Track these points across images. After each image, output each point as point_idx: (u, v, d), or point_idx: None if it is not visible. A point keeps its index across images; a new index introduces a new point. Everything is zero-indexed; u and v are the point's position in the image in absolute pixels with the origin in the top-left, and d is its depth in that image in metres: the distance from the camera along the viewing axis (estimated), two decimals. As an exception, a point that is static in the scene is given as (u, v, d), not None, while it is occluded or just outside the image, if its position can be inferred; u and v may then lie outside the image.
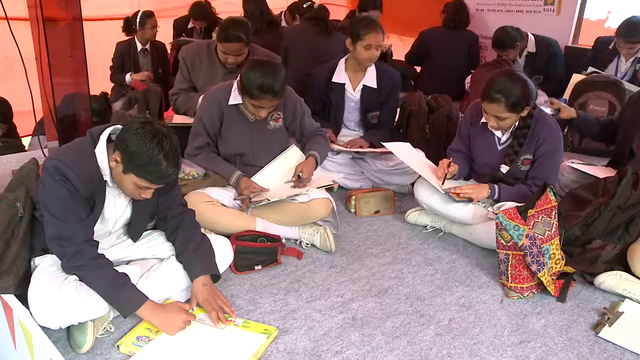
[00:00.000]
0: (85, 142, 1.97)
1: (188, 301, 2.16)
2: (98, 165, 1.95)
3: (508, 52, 4.66)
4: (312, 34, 4.33)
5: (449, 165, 2.81)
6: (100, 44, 5.24)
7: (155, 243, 2.31)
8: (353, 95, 3.50)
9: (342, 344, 2.07)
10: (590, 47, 4.67)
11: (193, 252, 2.18)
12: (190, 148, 2.81)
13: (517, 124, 2.76)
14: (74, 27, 3.00)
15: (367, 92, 3.49)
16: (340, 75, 3.45)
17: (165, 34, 5.43)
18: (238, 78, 2.65)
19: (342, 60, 3.47)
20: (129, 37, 5.03)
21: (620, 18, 4.29)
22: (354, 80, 3.46)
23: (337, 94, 3.49)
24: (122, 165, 1.88)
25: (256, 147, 2.83)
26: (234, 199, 2.80)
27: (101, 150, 1.95)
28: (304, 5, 5.00)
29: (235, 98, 2.70)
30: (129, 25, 4.96)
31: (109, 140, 1.97)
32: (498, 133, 2.83)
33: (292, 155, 2.92)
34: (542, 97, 4.31)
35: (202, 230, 2.43)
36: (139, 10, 5.02)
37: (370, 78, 3.45)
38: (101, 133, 1.97)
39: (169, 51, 5.24)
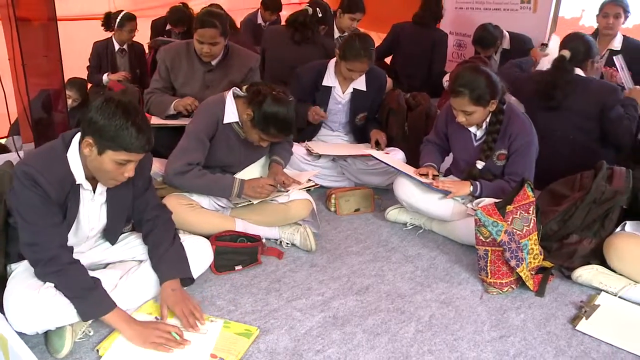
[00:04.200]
0: (56, 146, 1.94)
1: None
2: (70, 170, 1.92)
3: (489, 50, 4.72)
4: (292, 39, 4.22)
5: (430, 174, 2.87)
6: (77, 44, 5.16)
7: (133, 245, 2.28)
8: (341, 97, 3.50)
9: (323, 342, 2.07)
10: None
11: (162, 256, 2.16)
12: (180, 164, 2.56)
13: (489, 119, 2.78)
14: (48, 27, 2.95)
15: (357, 95, 3.50)
16: (329, 79, 3.44)
17: (143, 34, 5.37)
18: (247, 109, 2.53)
19: (332, 63, 3.45)
20: (108, 32, 4.96)
21: (594, 17, 4.34)
22: (343, 83, 3.46)
23: (324, 96, 3.48)
24: (96, 147, 1.85)
25: (243, 161, 2.81)
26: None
27: (73, 153, 1.92)
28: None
29: (230, 116, 2.63)
30: (108, 21, 4.90)
31: (80, 141, 1.93)
32: (473, 129, 2.85)
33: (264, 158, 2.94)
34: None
35: (182, 232, 2.42)
36: (122, 10, 4.95)
37: (360, 81, 3.45)
38: (72, 137, 1.94)
39: (146, 51, 5.19)
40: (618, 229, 2.58)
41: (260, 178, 2.72)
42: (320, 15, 4.28)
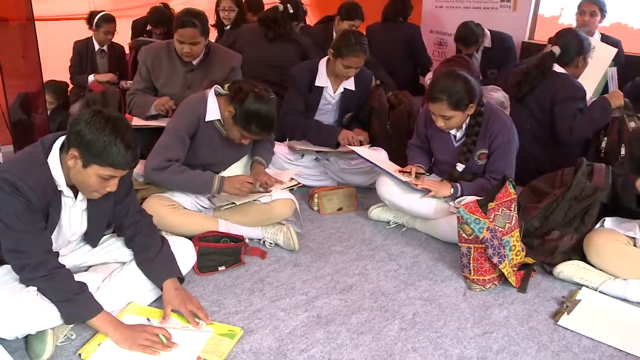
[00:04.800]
0: (36, 152, 1.91)
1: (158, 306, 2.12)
2: (51, 176, 1.90)
3: (471, 48, 4.76)
4: (265, 38, 4.18)
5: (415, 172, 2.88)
6: (57, 45, 5.10)
7: (116, 247, 2.27)
8: (332, 97, 3.50)
9: (308, 342, 2.07)
10: (546, 44, 4.77)
11: (154, 258, 2.15)
12: (159, 160, 2.55)
13: (467, 121, 2.80)
14: (26, 27, 2.92)
15: (347, 95, 3.51)
16: (322, 79, 3.43)
17: (124, 34, 5.31)
18: (229, 106, 2.52)
19: (323, 63, 3.44)
20: (91, 32, 4.90)
21: (573, 14, 4.39)
22: (334, 83, 3.46)
23: (316, 96, 3.48)
24: (82, 160, 1.83)
25: (225, 159, 2.79)
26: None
27: (54, 160, 1.90)
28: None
29: (212, 114, 2.61)
30: (91, 20, 4.84)
31: (61, 148, 1.91)
32: (453, 131, 2.86)
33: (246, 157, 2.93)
34: (500, 92, 4.39)
35: (164, 234, 2.41)
36: (103, 11, 4.88)
37: (350, 81, 3.46)
38: (54, 142, 1.92)
39: (127, 52, 5.14)
40: (598, 225, 2.61)
41: (240, 175, 2.71)
42: (291, 11, 4.26)
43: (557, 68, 3.24)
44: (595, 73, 3.68)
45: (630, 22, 4.75)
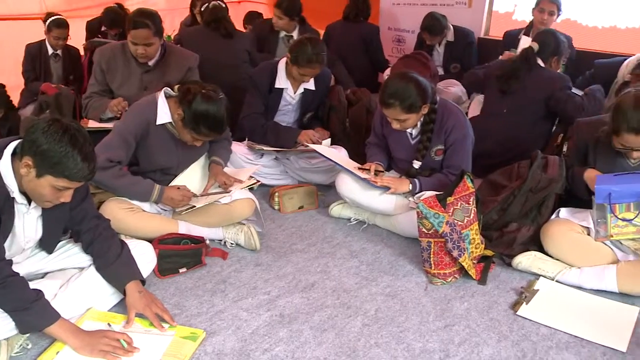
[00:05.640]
0: None
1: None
2: (3, 182, 1.84)
3: (436, 38, 4.86)
4: (213, 37, 4.17)
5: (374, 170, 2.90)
6: (6, 46, 4.95)
7: (73, 252, 2.21)
8: (292, 98, 3.48)
9: (271, 341, 2.06)
10: (501, 39, 4.86)
11: (114, 262, 2.11)
12: (101, 158, 2.38)
13: (422, 119, 2.82)
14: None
15: (306, 95, 3.50)
16: (281, 81, 3.40)
17: (78, 36, 5.16)
18: (178, 108, 2.48)
19: (282, 65, 3.40)
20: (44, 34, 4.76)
21: (526, 11, 4.49)
22: (294, 84, 3.44)
23: (276, 97, 3.46)
24: (35, 170, 1.78)
25: (182, 161, 2.75)
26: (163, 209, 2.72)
27: (6, 166, 1.83)
28: (202, 9, 4.80)
29: (162, 117, 2.56)
30: (45, 22, 4.69)
31: (14, 154, 1.85)
32: (408, 129, 2.88)
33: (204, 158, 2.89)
34: (457, 87, 4.45)
35: (123, 237, 2.36)
36: (58, 14, 4.72)
37: (310, 81, 3.44)
38: (5, 147, 1.85)
39: (82, 53, 4.99)
40: (553, 215, 2.67)
41: (180, 188, 2.66)
42: (223, 6, 4.37)
43: (540, 62, 3.40)
44: None
45: (580, 19, 4.89)
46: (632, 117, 2.26)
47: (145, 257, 2.29)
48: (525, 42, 3.45)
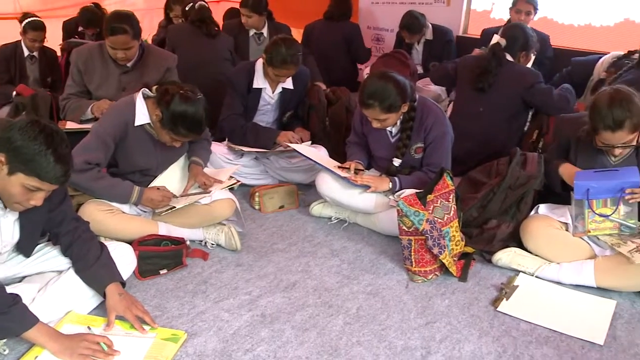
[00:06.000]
0: None
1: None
2: None
3: (415, 36, 4.90)
4: (197, 36, 4.22)
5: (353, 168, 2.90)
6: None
7: (52, 255, 2.18)
8: (271, 97, 3.47)
9: (252, 341, 2.05)
10: (479, 37, 4.90)
11: (94, 264, 2.08)
12: (78, 160, 2.36)
13: (401, 117, 2.83)
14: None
15: (285, 94, 3.49)
16: (259, 81, 3.39)
17: (54, 36, 5.08)
18: (156, 109, 2.45)
19: (259, 65, 3.39)
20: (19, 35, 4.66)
21: (503, 9, 4.53)
22: (272, 84, 3.42)
23: (254, 97, 3.44)
24: (7, 166, 1.74)
25: (161, 162, 2.72)
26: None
27: None
28: (186, 8, 4.81)
29: (141, 118, 2.54)
30: (21, 22, 4.60)
31: None
32: (388, 128, 2.89)
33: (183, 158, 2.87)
34: (437, 86, 4.47)
35: (102, 239, 2.34)
36: (34, 15, 4.64)
37: (288, 80, 3.43)
38: None
39: (59, 54, 4.92)
40: (532, 212, 2.70)
41: (160, 188, 2.64)
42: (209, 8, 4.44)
43: (509, 57, 3.40)
44: None
45: (556, 17, 4.95)
46: (607, 115, 2.29)
47: (125, 259, 2.26)
48: (495, 39, 3.47)
